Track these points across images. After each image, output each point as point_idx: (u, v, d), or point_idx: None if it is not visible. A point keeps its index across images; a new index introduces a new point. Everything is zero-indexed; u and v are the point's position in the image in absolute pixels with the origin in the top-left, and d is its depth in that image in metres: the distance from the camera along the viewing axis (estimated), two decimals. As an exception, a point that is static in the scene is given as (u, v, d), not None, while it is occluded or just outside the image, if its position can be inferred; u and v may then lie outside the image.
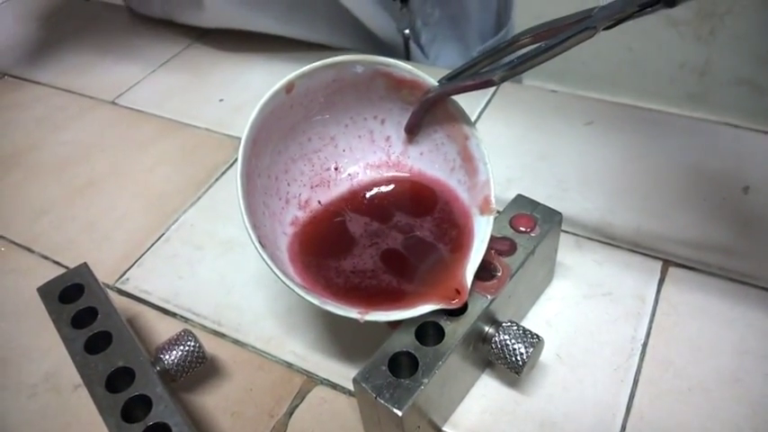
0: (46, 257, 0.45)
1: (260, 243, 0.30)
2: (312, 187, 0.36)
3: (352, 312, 0.30)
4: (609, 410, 0.32)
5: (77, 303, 0.33)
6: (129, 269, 0.43)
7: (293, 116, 0.34)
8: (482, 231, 0.32)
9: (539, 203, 0.35)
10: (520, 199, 0.36)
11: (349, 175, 0.37)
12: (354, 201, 0.37)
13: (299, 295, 0.29)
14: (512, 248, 0.33)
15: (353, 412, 0.33)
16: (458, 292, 0.31)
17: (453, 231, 0.34)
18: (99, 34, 0.69)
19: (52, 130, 0.56)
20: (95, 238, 0.46)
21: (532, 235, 0.34)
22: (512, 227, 0.34)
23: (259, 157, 0.33)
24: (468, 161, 0.34)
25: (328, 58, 0.33)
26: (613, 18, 0.27)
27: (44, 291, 0.35)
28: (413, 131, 0.36)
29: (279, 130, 0.34)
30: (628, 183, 0.44)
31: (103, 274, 0.42)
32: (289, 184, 0.35)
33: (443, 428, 0.33)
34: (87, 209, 0.48)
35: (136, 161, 0.52)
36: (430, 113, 0.35)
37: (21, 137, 0.56)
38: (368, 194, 0.37)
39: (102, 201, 0.49)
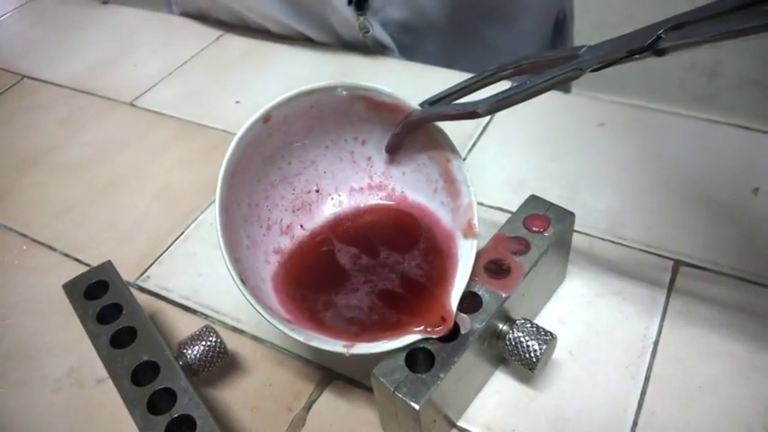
0: (68, 255, 0.46)
1: (241, 280, 0.30)
2: (294, 211, 0.36)
3: (338, 346, 0.30)
4: (620, 407, 0.33)
5: (102, 299, 0.34)
6: (149, 267, 0.44)
7: (272, 144, 0.34)
8: (466, 256, 0.32)
9: (552, 204, 0.36)
10: (533, 199, 0.36)
11: (331, 198, 0.37)
12: (339, 229, 0.36)
13: (283, 332, 0.29)
14: (525, 248, 0.34)
15: (370, 407, 0.34)
16: (443, 319, 0.30)
17: (438, 258, 0.34)
18: (116, 37, 0.70)
19: (72, 131, 0.58)
20: (116, 236, 0.47)
21: (546, 235, 0.35)
22: (525, 227, 0.35)
23: (238, 188, 0.33)
24: (450, 183, 0.34)
25: (306, 85, 0.33)
26: (601, 61, 0.27)
27: (69, 287, 0.36)
28: (394, 152, 0.36)
29: (258, 158, 0.34)
30: (639, 184, 0.44)
31: (125, 271, 0.42)
32: (270, 210, 0.35)
33: (458, 423, 0.33)
34: (108, 208, 0.49)
35: (155, 162, 0.53)
36: (411, 135, 0.35)
37: (41, 137, 0.57)
38: (351, 224, 0.37)
39: (123, 200, 0.50)
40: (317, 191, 0.37)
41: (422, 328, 0.30)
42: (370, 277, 0.34)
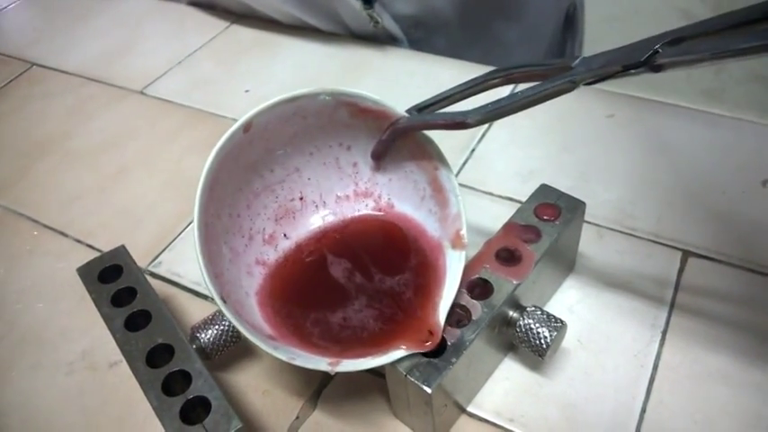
0: (79, 241, 0.46)
1: (221, 298, 0.29)
2: (276, 220, 0.36)
3: (323, 364, 0.29)
4: (629, 394, 0.33)
5: (117, 283, 0.35)
6: (160, 253, 0.44)
7: (253, 152, 0.33)
8: (454, 268, 0.32)
9: (563, 193, 0.36)
10: (544, 188, 0.37)
11: (315, 205, 0.36)
12: (325, 242, 0.36)
13: (265, 351, 0.29)
14: (537, 236, 0.34)
15: (380, 392, 0.35)
16: (431, 333, 0.30)
17: (425, 270, 0.33)
18: (124, 26, 0.71)
19: (83, 119, 0.58)
20: (127, 223, 0.47)
21: (556, 223, 0.35)
22: (536, 215, 0.35)
23: (219, 200, 0.32)
24: (438, 192, 0.34)
25: (288, 92, 0.32)
26: (595, 74, 0.26)
27: (84, 271, 0.36)
28: (380, 158, 0.35)
29: (239, 168, 0.33)
30: (648, 175, 0.44)
31: (136, 257, 0.43)
32: (252, 220, 0.35)
33: (467, 409, 0.34)
34: (119, 195, 0.49)
35: (165, 150, 0.53)
36: (398, 142, 0.34)
37: (52, 125, 0.58)
38: (337, 236, 0.36)
39: (133, 188, 0.50)
40: (301, 198, 0.36)
41: (409, 343, 0.30)
42: (356, 292, 0.33)
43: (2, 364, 0.39)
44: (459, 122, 0.29)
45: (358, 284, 0.34)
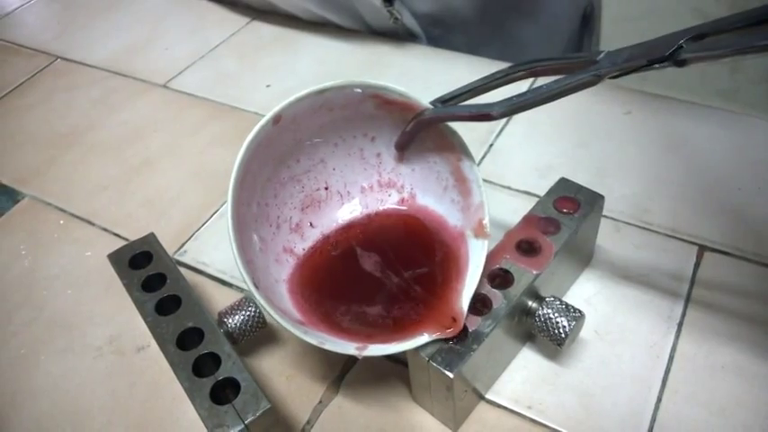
0: (106, 230, 0.47)
1: (254, 284, 0.30)
2: (303, 209, 0.37)
3: (351, 348, 0.30)
4: (645, 384, 0.34)
5: (147, 269, 0.36)
6: (186, 242, 0.45)
7: (282, 143, 0.34)
8: (477, 256, 0.33)
9: (582, 186, 0.37)
10: (563, 182, 0.37)
11: (340, 195, 0.37)
12: (352, 234, 0.37)
13: (295, 335, 0.30)
14: (556, 228, 0.35)
15: (400, 379, 0.35)
16: (454, 320, 0.31)
17: (448, 259, 0.34)
18: (146, 21, 0.72)
19: (107, 112, 0.59)
20: (153, 213, 0.48)
21: (576, 216, 0.35)
22: (556, 208, 0.36)
23: (249, 190, 0.33)
24: (461, 182, 0.34)
25: (317, 85, 0.32)
26: (620, 68, 0.26)
27: (115, 257, 0.37)
28: (403, 149, 0.36)
29: (268, 159, 0.34)
30: (665, 171, 0.45)
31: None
32: (279, 208, 0.36)
33: (486, 396, 0.34)
34: (144, 186, 0.51)
35: (188, 142, 0.54)
36: (422, 133, 0.35)
37: (77, 117, 0.59)
38: (363, 228, 0.37)
39: (158, 179, 0.51)
40: (326, 188, 0.37)
41: (433, 329, 0.31)
42: (383, 282, 0.34)
43: (31, 348, 0.40)
44: (483, 114, 0.30)
45: (385, 276, 0.35)
